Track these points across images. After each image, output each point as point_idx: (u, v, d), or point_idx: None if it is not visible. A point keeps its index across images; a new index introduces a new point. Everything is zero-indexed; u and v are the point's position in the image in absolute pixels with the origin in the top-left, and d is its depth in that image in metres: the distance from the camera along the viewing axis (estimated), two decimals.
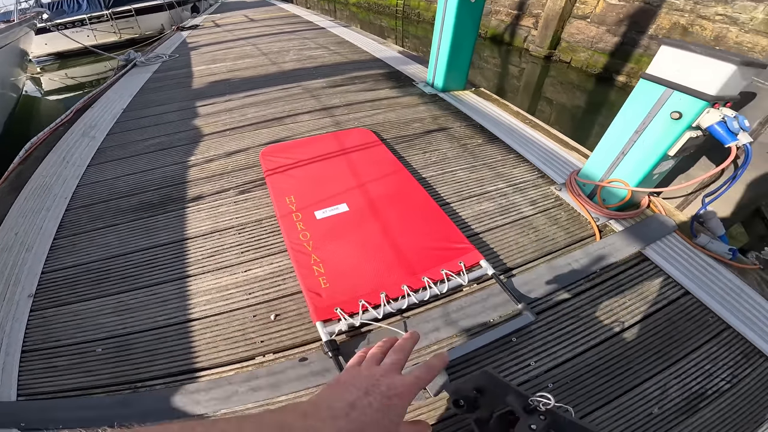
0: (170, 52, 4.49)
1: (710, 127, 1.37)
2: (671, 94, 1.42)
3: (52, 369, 1.18)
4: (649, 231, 1.65)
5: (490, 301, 1.30)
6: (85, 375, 1.15)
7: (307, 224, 1.54)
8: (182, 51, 4.56)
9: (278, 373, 1.13)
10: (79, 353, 1.21)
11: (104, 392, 1.11)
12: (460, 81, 2.95)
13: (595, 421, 1.03)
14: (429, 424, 0.49)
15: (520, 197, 1.78)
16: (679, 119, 1.41)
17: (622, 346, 1.20)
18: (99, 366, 1.17)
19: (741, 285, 1.43)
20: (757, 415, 1.08)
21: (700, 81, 1.34)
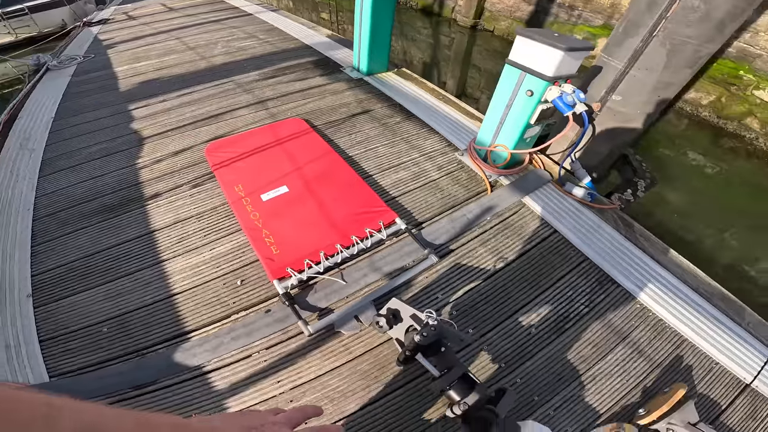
0: (83, 52, 4.37)
1: (553, 101, 1.91)
2: (525, 77, 1.93)
3: (70, 351, 1.50)
4: (528, 183, 2.21)
5: (404, 249, 1.80)
6: (99, 351, 1.49)
7: (256, 206, 1.93)
8: (97, 50, 4.42)
9: (250, 324, 1.55)
10: (88, 335, 1.54)
11: (120, 361, 1.46)
12: (382, 64, 3.35)
13: (489, 339, 1.52)
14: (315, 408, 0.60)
15: (429, 164, 2.28)
16: (532, 96, 1.93)
17: (507, 277, 1.73)
18: (108, 343, 1.52)
19: (599, 222, 2.02)
20: (610, 333, 1.56)
21: (541, 65, 1.85)
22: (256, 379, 1.41)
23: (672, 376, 1.49)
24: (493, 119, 2.18)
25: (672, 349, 1.55)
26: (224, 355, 1.46)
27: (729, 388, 1.50)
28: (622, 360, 1.50)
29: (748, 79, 4.87)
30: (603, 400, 1.41)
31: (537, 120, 2.02)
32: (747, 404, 1.46)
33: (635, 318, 1.63)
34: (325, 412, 1.32)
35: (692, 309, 1.65)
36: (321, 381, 1.40)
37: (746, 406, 1.46)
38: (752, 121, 4.97)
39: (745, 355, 1.55)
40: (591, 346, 1.53)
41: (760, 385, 1.51)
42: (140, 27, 5.15)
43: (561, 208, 2.07)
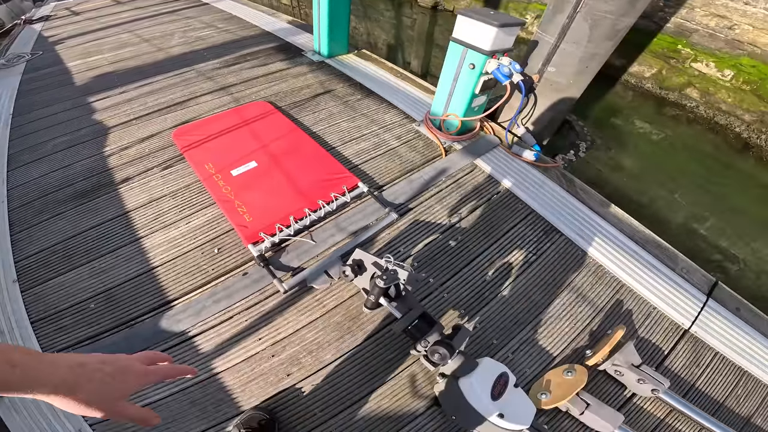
0: (30, 49, 4.32)
1: (492, 72, 2.18)
2: (467, 52, 2.20)
3: (62, 329, 1.63)
4: (479, 147, 2.50)
5: (367, 210, 2.04)
6: (90, 327, 1.63)
7: (227, 180, 2.12)
8: (44, 47, 4.36)
9: (230, 287, 1.75)
10: (78, 312, 1.68)
11: (110, 334, 1.61)
12: (342, 46, 3.55)
13: (449, 287, 1.76)
14: (158, 417, 0.54)
15: (389, 135, 2.53)
16: (474, 69, 2.20)
17: (461, 230, 2.00)
18: (97, 318, 1.66)
19: (544, 179, 2.32)
20: (556, 278, 1.81)
21: (480, 40, 2.12)
22: (239, 338, 1.59)
23: (614, 319, 1.71)
24: (444, 91, 2.45)
25: (612, 293, 1.81)
26: (207, 318, 1.64)
27: (669, 333, 1.69)
28: (569, 304, 1.75)
29: (686, 53, 5.38)
30: (555, 342, 1.63)
31: (481, 90, 2.29)
32: (689, 350, 1.66)
33: (578, 264, 1.91)
34: (305, 362, 1.53)
35: (629, 255, 1.93)
36: (298, 335, 1.60)
37: (688, 351, 1.65)
38: (692, 91, 5.51)
39: (681, 300, 1.77)
40: (540, 292, 1.78)
41: (699, 330, 1.70)
42: (86, 22, 5.08)
43: (509, 168, 2.36)
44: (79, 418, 1.36)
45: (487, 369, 1.29)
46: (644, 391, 1.50)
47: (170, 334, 1.60)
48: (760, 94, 5.00)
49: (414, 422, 1.40)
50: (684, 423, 1.49)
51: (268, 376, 1.49)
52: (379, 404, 1.44)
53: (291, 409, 1.41)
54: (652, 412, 1.52)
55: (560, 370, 1.50)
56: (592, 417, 1.39)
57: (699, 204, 4.54)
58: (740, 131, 5.21)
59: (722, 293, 1.86)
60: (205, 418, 1.38)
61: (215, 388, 1.45)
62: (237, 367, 1.51)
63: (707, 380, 1.62)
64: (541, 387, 1.48)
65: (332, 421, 1.39)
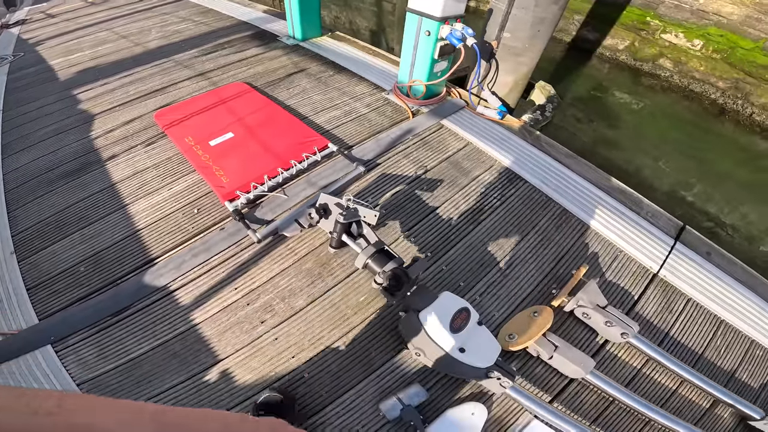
0: (11, 51, 4.56)
1: (447, 37, 2.42)
2: (422, 20, 2.44)
3: (55, 293, 1.83)
4: (445, 109, 2.74)
5: (337, 166, 2.28)
6: (80, 288, 1.83)
7: (205, 150, 2.35)
8: (24, 49, 4.58)
9: (208, 242, 1.96)
10: (69, 276, 1.89)
11: (99, 293, 1.81)
12: (315, 29, 3.79)
13: (416, 231, 1.96)
14: None
15: (359, 104, 2.77)
16: (430, 36, 2.44)
17: (427, 181, 2.22)
18: (87, 279, 1.87)
19: (509, 135, 2.56)
20: (520, 221, 1.99)
21: (431, 8, 2.35)
22: (217, 289, 1.78)
23: (580, 261, 1.83)
24: (407, 60, 2.69)
25: (577, 236, 1.98)
26: (187, 272, 1.83)
27: (637, 277, 1.79)
28: (534, 246, 1.92)
29: (655, 24, 5.66)
30: (522, 284, 1.76)
31: (440, 55, 2.53)
32: (659, 295, 1.74)
33: (541, 209, 2.11)
34: (278, 309, 1.70)
35: (593, 201, 2.13)
36: (272, 282, 1.79)
37: (658, 297, 1.73)
38: (665, 61, 5.78)
39: (648, 244, 1.89)
40: (505, 235, 1.97)
41: (668, 275, 1.79)
42: (63, 24, 5.30)
43: (474, 126, 2.60)
44: (68, 378, 1.51)
45: (446, 302, 1.37)
46: (614, 336, 1.53)
47: (153, 289, 1.78)
48: (731, 62, 5.27)
49: (386, 364, 1.52)
50: (662, 373, 1.54)
51: (243, 324, 1.66)
52: (350, 348, 1.56)
53: (264, 355, 1.55)
54: (627, 360, 1.56)
55: (527, 312, 1.57)
56: (561, 360, 1.42)
57: (684, 170, 4.79)
58: (716, 98, 5.48)
59: (691, 237, 1.99)
60: (185, 369, 1.53)
61: (194, 339, 1.62)
62: (214, 317, 1.69)
63: (682, 329, 1.67)
64: (509, 329, 1.54)
65: (304, 366, 1.52)
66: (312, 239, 1.95)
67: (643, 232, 1.99)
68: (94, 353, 1.60)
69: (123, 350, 1.60)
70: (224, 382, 1.51)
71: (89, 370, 1.55)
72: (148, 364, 1.56)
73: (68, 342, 1.63)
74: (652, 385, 1.54)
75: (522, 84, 3.20)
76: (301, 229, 1.95)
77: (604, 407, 1.46)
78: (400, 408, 1.37)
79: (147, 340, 1.63)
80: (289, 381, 1.50)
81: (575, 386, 1.50)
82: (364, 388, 1.48)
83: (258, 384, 1.49)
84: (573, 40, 6.28)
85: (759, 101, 5.12)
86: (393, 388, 1.47)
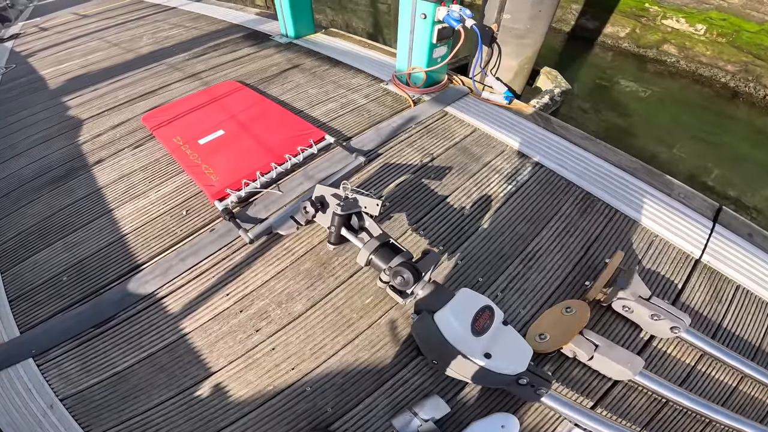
0: (4, 63, 4.48)
1: (444, 18, 2.25)
2: (417, 3, 2.27)
3: (37, 304, 1.67)
4: (449, 96, 2.57)
5: (335, 158, 2.10)
6: (62, 299, 1.68)
7: (194, 149, 2.19)
8: (17, 61, 4.51)
9: (197, 245, 1.79)
10: (51, 287, 1.73)
11: (81, 303, 1.64)
12: (308, 26, 3.65)
13: (425, 224, 1.77)
14: None
15: (357, 95, 2.61)
16: (426, 18, 2.28)
17: (434, 169, 2.04)
18: (69, 290, 1.71)
19: (518, 119, 2.38)
20: (541, 207, 1.81)
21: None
22: (207, 295, 1.61)
23: (612, 249, 1.64)
24: (404, 46, 2.53)
25: (605, 222, 1.77)
26: (175, 278, 1.66)
27: (678, 264, 1.59)
28: (558, 234, 1.72)
29: (654, 11, 5.48)
30: (549, 277, 1.56)
31: (438, 39, 2.36)
32: (705, 283, 1.54)
33: (562, 193, 1.90)
34: (274, 315, 1.52)
35: (617, 182, 1.93)
36: (267, 287, 1.61)
37: (705, 285, 1.53)
38: (669, 47, 5.59)
39: (685, 227, 1.70)
40: (525, 222, 1.77)
41: (712, 260, 1.59)
42: (55, 36, 5.24)
43: (481, 111, 2.43)
44: (51, 393, 1.38)
45: (465, 300, 1.14)
46: (662, 331, 1.32)
47: (138, 298, 1.62)
48: (738, 46, 5.07)
49: (399, 374, 1.33)
50: (719, 369, 1.34)
51: (237, 333, 1.48)
52: (356, 357, 1.38)
53: (261, 367, 1.38)
54: (678, 357, 1.36)
55: (559, 309, 1.36)
56: (603, 360, 1.21)
57: (701, 155, 4.56)
58: (726, 81, 5.26)
59: (729, 218, 1.77)
60: (174, 383, 1.37)
61: (183, 351, 1.45)
62: (205, 327, 1.51)
63: (735, 319, 1.47)
64: (539, 329, 1.33)
65: (305, 379, 1.34)
66: (310, 237, 1.77)
67: (678, 214, 1.78)
68: (77, 367, 1.45)
69: (107, 363, 1.45)
70: (217, 398, 1.33)
71: (72, 385, 1.40)
72: (134, 378, 1.40)
73: (50, 355, 1.49)
74: (710, 383, 1.33)
75: (527, 68, 3.02)
76: (298, 227, 1.75)
77: (657, 410, 1.26)
78: (418, 425, 1.16)
79: (132, 352, 1.47)
80: (289, 396, 1.31)
81: (621, 389, 1.29)
82: (375, 403, 1.29)
83: (254, 399, 1.31)
84: (572, 30, 6.10)
85: None
86: (407, 402, 1.28)
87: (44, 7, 8.56)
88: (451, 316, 1.11)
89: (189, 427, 1.27)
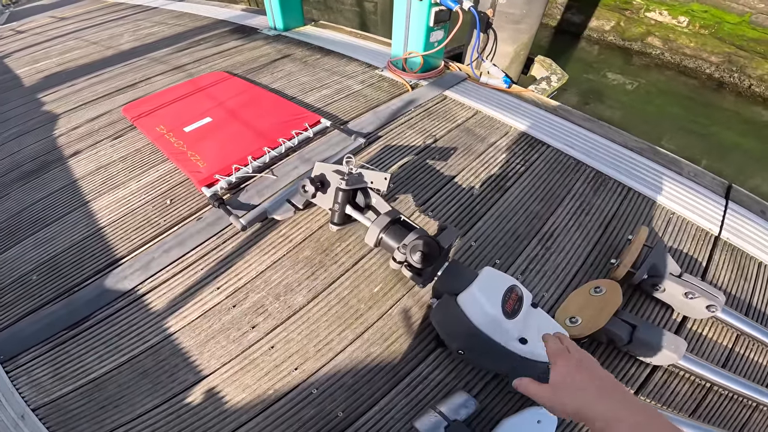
0: None
1: (441, 1, 2.15)
2: None
3: (4, 306, 1.47)
4: (447, 81, 2.47)
5: (332, 141, 1.97)
6: (31, 300, 1.47)
7: (179, 136, 2.03)
8: None
9: (182, 235, 1.61)
10: (19, 287, 1.53)
11: (53, 304, 1.44)
12: (298, 19, 3.52)
13: (433, 204, 1.65)
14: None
15: (352, 82, 2.48)
16: (423, 0, 2.17)
17: (438, 150, 1.93)
18: (39, 289, 1.51)
19: (519, 102, 2.29)
20: (553, 186, 1.71)
21: None
22: (195, 290, 1.43)
23: (631, 227, 1.56)
24: (400, 31, 2.42)
25: (619, 200, 1.68)
26: (158, 272, 1.49)
27: (699, 241, 1.52)
28: (574, 213, 1.62)
29: (637, 3, 5.53)
30: (569, 256, 1.46)
31: (435, 22, 2.27)
32: (728, 260, 1.47)
33: (572, 172, 1.81)
34: (272, 309, 1.35)
35: (626, 161, 1.85)
36: (263, 278, 1.44)
37: (728, 262, 1.46)
38: (653, 39, 5.63)
39: (700, 204, 1.65)
40: (538, 202, 1.66)
41: (731, 237, 1.53)
42: (32, 37, 4.99)
43: (481, 95, 2.33)
44: (21, 402, 1.20)
45: (490, 280, 1.02)
46: (698, 311, 1.21)
47: (116, 295, 1.43)
48: (720, 37, 5.12)
49: (417, 370, 1.18)
50: (759, 351, 1.24)
51: (230, 331, 1.31)
52: (367, 353, 1.23)
53: (259, 368, 1.22)
54: (714, 338, 1.26)
55: (585, 289, 1.25)
56: (643, 344, 1.10)
57: (689, 146, 4.56)
58: (711, 72, 5.31)
59: (741, 196, 1.72)
60: (158, 391, 1.20)
61: (168, 353, 1.27)
62: (193, 325, 1.34)
63: (764, 298, 1.38)
64: (567, 312, 1.20)
65: (311, 380, 1.18)
66: (309, 222, 1.61)
67: (691, 192, 1.71)
68: (49, 373, 1.26)
69: (82, 369, 1.26)
70: (210, 405, 1.15)
71: (45, 393, 1.22)
72: (113, 385, 1.22)
73: (19, 361, 1.30)
74: (750, 366, 1.21)
75: (523, 55, 2.94)
76: (295, 211, 1.60)
77: (702, 396, 1.13)
78: (444, 425, 1.00)
79: (110, 355, 1.28)
80: (293, 400, 1.14)
81: (661, 375, 1.16)
82: (391, 404, 1.13)
83: (253, 406, 1.14)
84: (559, 24, 6.13)
85: (756, 73, 4.96)
86: (428, 401, 1.12)
87: (22, 12, 8.28)
88: (479, 297, 0.97)
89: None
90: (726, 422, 1.10)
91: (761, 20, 4.69)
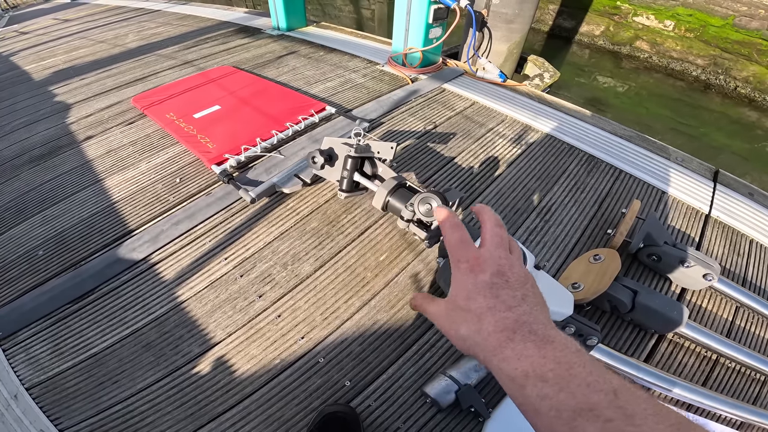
0: None
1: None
2: None
3: (8, 282, 1.47)
4: (445, 75, 2.56)
5: (338, 125, 2.04)
6: (36, 274, 1.47)
7: (189, 122, 2.08)
8: None
9: (192, 208, 1.64)
10: (25, 262, 1.53)
11: (57, 277, 1.43)
12: (301, 19, 3.61)
13: (435, 180, 1.71)
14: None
15: (355, 75, 2.56)
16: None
17: (438, 134, 1.99)
18: (45, 264, 1.52)
19: (514, 94, 2.37)
20: (548, 167, 1.80)
21: None
22: (202, 261, 1.44)
23: (624, 203, 1.63)
24: (400, 28, 2.51)
25: (612, 180, 1.75)
26: (166, 245, 1.50)
27: (690, 218, 1.59)
28: (570, 190, 1.69)
29: (625, 8, 5.69)
30: (567, 228, 1.52)
31: (434, 19, 2.36)
32: (720, 236, 1.52)
33: (566, 155, 1.89)
34: (279, 278, 1.36)
35: (617, 147, 1.95)
36: (271, 248, 1.46)
37: (721, 238, 1.52)
38: (641, 43, 5.79)
39: (689, 185, 1.72)
40: (535, 179, 1.74)
41: (722, 215, 1.60)
42: (36, 38, 5.04)
43: (478, 88, 2.42)
44: (16, 381, 1.17)
45: None
46: (694, 280, 1.22)
47: (123, 268, 1.43)
48: (705, 40, 5.28)
49: (425, 336, 1.19)
50: (760, 324, 1.26)
51: (236, 300, 1.31)
52: (374, 320, 1.24)
53: (265, 338, 1.22)
54: (714, 310, 1.27)
55: (585, 258, 1.29)
56: (647, 309, 1.10)
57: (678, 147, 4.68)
58: (698, 74, 5.46)
59: (728, 180, 1.80)
60: (161, 364, 1.18)
61: (173, 325, 1.26)
62: (200, 296, 1.33)
63: (758, 272, 1.41)
64: (569, 279, 1.22)
65: (317, 349, 1.18)
66: (316, 196, 1.66)
67: (680, 175, 1.80)
68: (48, 349, 1.23)
69: (82, 344, 1.24)
70: (214, 377, 1.13)
71: (41, 371, 1.19)
72: (114, 359, 1.19)
73: (18, 338, 1.27)
74: (752, 338, 1.24)
75: (516, 53, 3.05)
76: (303, 185, 1.65)
77: (710, 369, 1.16)
78: (455, 389, 1.01)
79: (114, 329, 1.26)
80: (299, 370, 1.14)
81: (666, 346, 1.18)
82: (400, 371, 1.13)
83: (259, 377, 1.13)
84: (551, 29, 6.29)
85: (741, 75, 5.11)
86: (439, 367, 1.12)
87: (23, 15, 8.32)
88: None
89: (181, 413, 1.07)
90: (736, 397, 1.11)
91: (744, 23, 4.85)
